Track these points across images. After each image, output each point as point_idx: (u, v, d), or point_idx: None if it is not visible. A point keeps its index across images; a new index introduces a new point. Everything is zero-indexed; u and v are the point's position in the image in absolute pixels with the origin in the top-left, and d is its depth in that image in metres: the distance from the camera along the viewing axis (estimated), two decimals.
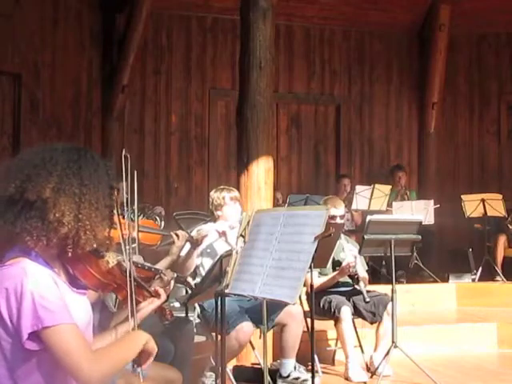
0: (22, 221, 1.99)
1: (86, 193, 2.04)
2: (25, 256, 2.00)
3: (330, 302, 5.34)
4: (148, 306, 2.46)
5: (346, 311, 5.27)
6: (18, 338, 1.93)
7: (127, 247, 2.22)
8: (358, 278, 5.29)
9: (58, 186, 2.01)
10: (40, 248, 2.02)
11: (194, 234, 4.69)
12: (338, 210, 5.60)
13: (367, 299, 5.18)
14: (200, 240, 4.61)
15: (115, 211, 2.17)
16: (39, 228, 1.99)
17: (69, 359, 1.94)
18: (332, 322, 5.40)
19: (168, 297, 2.68)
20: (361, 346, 5.63)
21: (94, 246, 2.08)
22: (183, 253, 4.60)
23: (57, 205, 2.00)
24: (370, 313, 5.38)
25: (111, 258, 2.23)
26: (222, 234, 4.77)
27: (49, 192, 2.00)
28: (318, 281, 5.34)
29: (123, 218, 3.92)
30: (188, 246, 4.62)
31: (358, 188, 8.32)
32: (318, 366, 5.37)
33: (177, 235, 4.43)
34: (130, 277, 2.21)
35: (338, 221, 5.56)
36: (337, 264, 5.45)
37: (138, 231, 4.36)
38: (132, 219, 4.27)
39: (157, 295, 2.49)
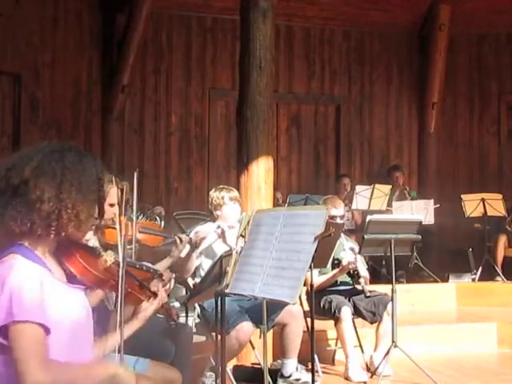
0: (9, 209, 2.02)
1: (68, 174, 2.06)
2: (16, 252, 2.02)
3: (330, 302, 5.34)
4: (150, 306, 2.46)
5: (347, 311, 5.27)
6: None
7: (128, 247, 2.22)
8: (357, 274, 5.30)
9: (39, 167, 2.04)
10: (28, 238, 2.04)
11: (191, 235, 4.70)
12: (338, 210, 5.61)
13: (367, 293, 5.19)
14: (199, 242, 4.61)
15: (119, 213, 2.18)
16: (23, 212, 2.01)
17: (20, 358, 1.92)
18: (332, 322, 5.40)
19: (168, 296, 2.69)
20: (361, 345, 5.63)
21: (77, 228, 2.08)
22: (183, 254, 4.60)
23: (37, 184, 2.03)
24: (370, 312, 5.39)
25: (109, 257, 2.23)
26: (221, 234, 4.77)
27: (28, 173, 2.03)
28: (318, 279, 5.34)
29: (130, 220, 3.92)
30: (188, 247, 4.63)
31: (358, 188, 8.32)
32: (318, 365, 5.37)
33: (180, 239, 4.43)
34: (121, 277, 2.20)
35: (338, 221, 5.56)
36: (336, 262, 5.45)
37: (141, 233, 4.35)
38: (133, 220, 4.27)
39: (156, 295, 2.49)
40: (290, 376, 4.95)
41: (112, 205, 3.73)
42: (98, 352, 2.24)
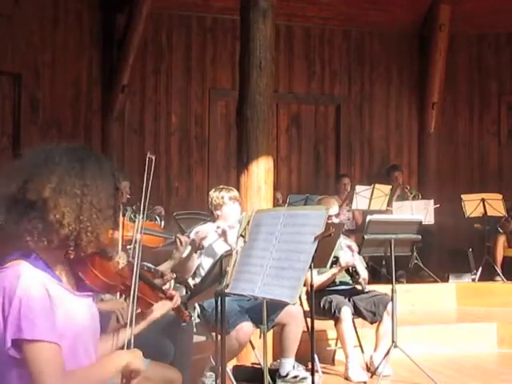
0: (25, 221, 1.96)
1: (88, 194, 2.00)
2: (24, 259, 1.97)
3: (330, 302, 5.34)
4: (161, 308, 2.45)
5: (347, 311, 5.27)
6: (4, 342, 1.90)
7: (136, 248, 2.21)
8: (355, 270, 5.31)
9: (59, 186, 1.97)
10: (41, 250, 1.99)
11: (192, 235, 4.70)
12: (333, 209, 5.61)
13: (365, 289, 5.19)
14: (199, 242, 4.61)
15: (120, 213, 2.14)
16: (40, 229, 1.96)
17: (38, 378, 1.89)
18: (332, 322, 5.40)
19: None
20: (361, 345, 5.63)
21: (96, 247, 2.04)
22: (184, 254, 4.60)
23: (57, 205, 1.96)
24: (370, 312, 5.39)
25: (121, 259, 2.21)
26: (222, 234, 4.77)
27: (49, 192, 1.96)
28: (318, 278, 5.34)
29: (131, 221, 3.92)
30: (188, 247, 4.63)
31: (358, 188, 8.32)
32: (318, 365, 5.37)
33: (180, 241, 4.43)
34: (135, 278, 2.19)
35: (334, 220, 5.56)
36: (334, 260, 5.45)
37: (142, 233, 4.35)
38: (132, 219, 4.27)
39: (170, 297, 2.48)
40: (287, 375, 4.95)
41: None
42: (100, 354, 2.23)
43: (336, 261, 5.41)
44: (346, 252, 5.37)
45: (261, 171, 5.58)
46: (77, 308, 2.03)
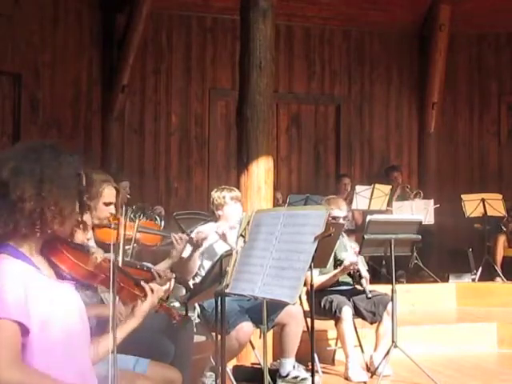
0: None
1: (46, 171, 2.05)
2: (1, 251, 2.02)
3: (330, 302, 5.34)
4: (145, 303, 2.44)
5: (347, 311, 5.27)
6: None
7: (127, 247, 2.22)
8: (360, 275, 5.29)
9: (16, 166, 2.04)
10: (16, 240, 2.04)
11: (193, 235, 4.69)
12: (342, 211, 5.60)
13: (369, 295, 5.18)
14: (200, 242, 4.61)
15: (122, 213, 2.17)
16: (5, 214, 2.01)
17: None
18: (332, 322, 5.40)
19: (168, 297, 2.67)
20: (361, 345, 5.63)
21: (62, 224, 2.07)
22: (185, 255, 4.60)
23: (17, 184, 2.02)
24: (370, 313, 5.39)
25: (99, 255, 2.25)
26: (222, 236, 4.77)
27: (6, 174, 2.02)
28: (319, 279, 5.33)
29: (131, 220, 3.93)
30: (189, 247, 4.62)
31: (358, 188, 8.33)
32: (318, 365, 5.37)
33: (176, 238, 4.42)
34: (112, 271, 2.20)
35: (341, 221, 5.56)
36: (339, 263, 5.45)
37: (139, 232, 4.36)
38: (133, 219, 4.28)
39: (144, 291, 2.47)
40: (287, 375, 4.95)
41: (107, 204, 3.73)
42: (93, 353, 2.23)
43: (340, 264, 5.40)
44: (350, 254, 5.36)
45: (261, 171, 5.58)
46: (58, 294, 2.07)
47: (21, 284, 1.97)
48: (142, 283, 2.47)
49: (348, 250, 5.41)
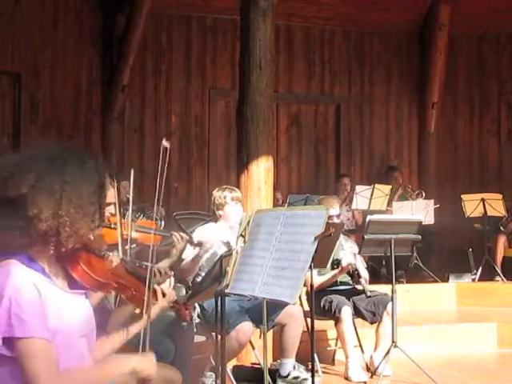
0: (7, 221, 1.98)
1: (67, 189, 2.01)
2: (14, 258, 1.99)
3: (330, 302, 5.34)
4: (155, 307, 2.45)
5: (347, 311, 5.27)
6: None
7: (126, 247, 2.22)
8: (358, 274, 5.29)
9: (37, 182, 1.99)
10: (31, 249, 2.01)
11: (194, 235, 4.69)
12: (335, 209, 5.61)
13: (368, 293, 5.18)
14: (202, 246, 4.60)
15: (114, 211, 2.16)
16: (21, 226, 1.98)
17: (29, 374, 1.90)
18: (332, 322, 5.40)
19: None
20: (361, 345, 5.63)
21: (78, 243, 2.05)
22: (189, 258, 4.60)
23: (35, 201, 1.98)
24: (370, 313, 5.39)
25: (115, 258, 2.22)
26: (227, 244, 4.76)
27: (26, 188, 1.98)
28: (318, 279, 5.34)
29: (123, 217, 3.92)
30: (192, 249, 4.61)
31: (358, 188, 8.32)
32: (318, 365, 5.37)
33: (176, 237, 4.42)
34: (149, 279, 2.19)
35: (335, 220, 5.56)
36: (336, 263, 5.45)
37: (137, 231, 4.34)
38: (132, 219, 4.27)
39: (155, 296, 2.48)
40: (287, 375, 4.95)
41: (107, 204, 3.72)
42: (98, 353, 2.23)
43: (338, 264, 5.40)
44: (347, 254, 5.36)
45: (261, 171, 5.58)
46: (68, 305, 2.04)
47: (35, 295, 1.94)
48: (155, 286, 2.47)
49: (345, 249, 5.41)
